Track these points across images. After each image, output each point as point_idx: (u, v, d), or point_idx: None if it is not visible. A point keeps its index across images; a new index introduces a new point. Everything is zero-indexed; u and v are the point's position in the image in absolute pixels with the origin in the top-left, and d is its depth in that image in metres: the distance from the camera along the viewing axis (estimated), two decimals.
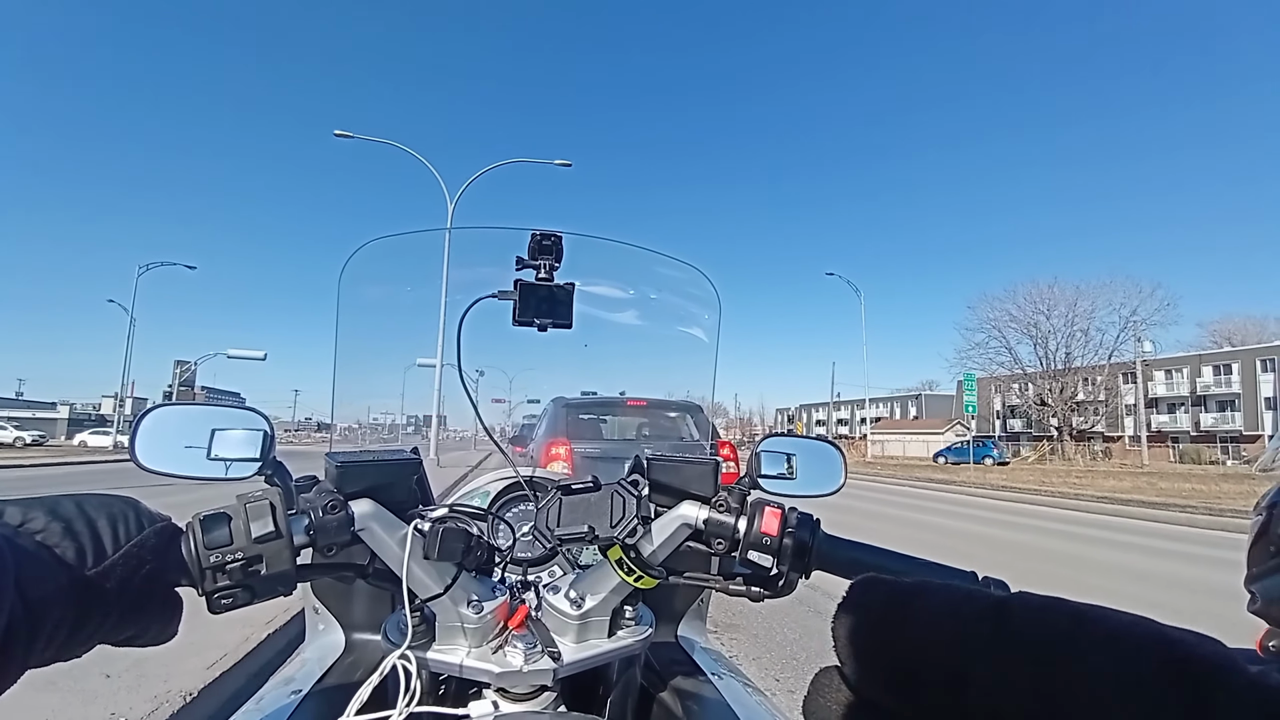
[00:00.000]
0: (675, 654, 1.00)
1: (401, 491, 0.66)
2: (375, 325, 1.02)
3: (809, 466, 0.75)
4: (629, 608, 0.71)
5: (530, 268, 0.81)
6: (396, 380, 1.27)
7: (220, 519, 0.51)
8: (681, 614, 1.09)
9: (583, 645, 0.68)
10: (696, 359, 1.13)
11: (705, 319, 1.11)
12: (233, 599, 0.51)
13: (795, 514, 0.64)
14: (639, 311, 1.09)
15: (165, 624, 0.50)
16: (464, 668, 0.64)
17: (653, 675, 0.91)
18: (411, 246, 1.00)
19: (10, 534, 0.41)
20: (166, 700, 2.49)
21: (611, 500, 0.66)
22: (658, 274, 1.06)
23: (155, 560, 0.47)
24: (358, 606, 0.99)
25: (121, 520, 0.47)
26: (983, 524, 10.11)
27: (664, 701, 0.88)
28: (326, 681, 0.86)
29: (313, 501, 0.57)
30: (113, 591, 0.45)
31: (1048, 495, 15.34)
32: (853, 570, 0.62)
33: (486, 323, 0.82)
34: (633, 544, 0.65)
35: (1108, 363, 43.60)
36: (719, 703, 0.84)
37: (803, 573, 0.65)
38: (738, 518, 0.64)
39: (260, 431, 0.62)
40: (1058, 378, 44.29)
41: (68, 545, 0.43)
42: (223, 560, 0.50)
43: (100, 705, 2.41)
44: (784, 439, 0.76)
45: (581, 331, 0.85)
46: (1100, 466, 32.80)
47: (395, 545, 0.60)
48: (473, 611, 0.64)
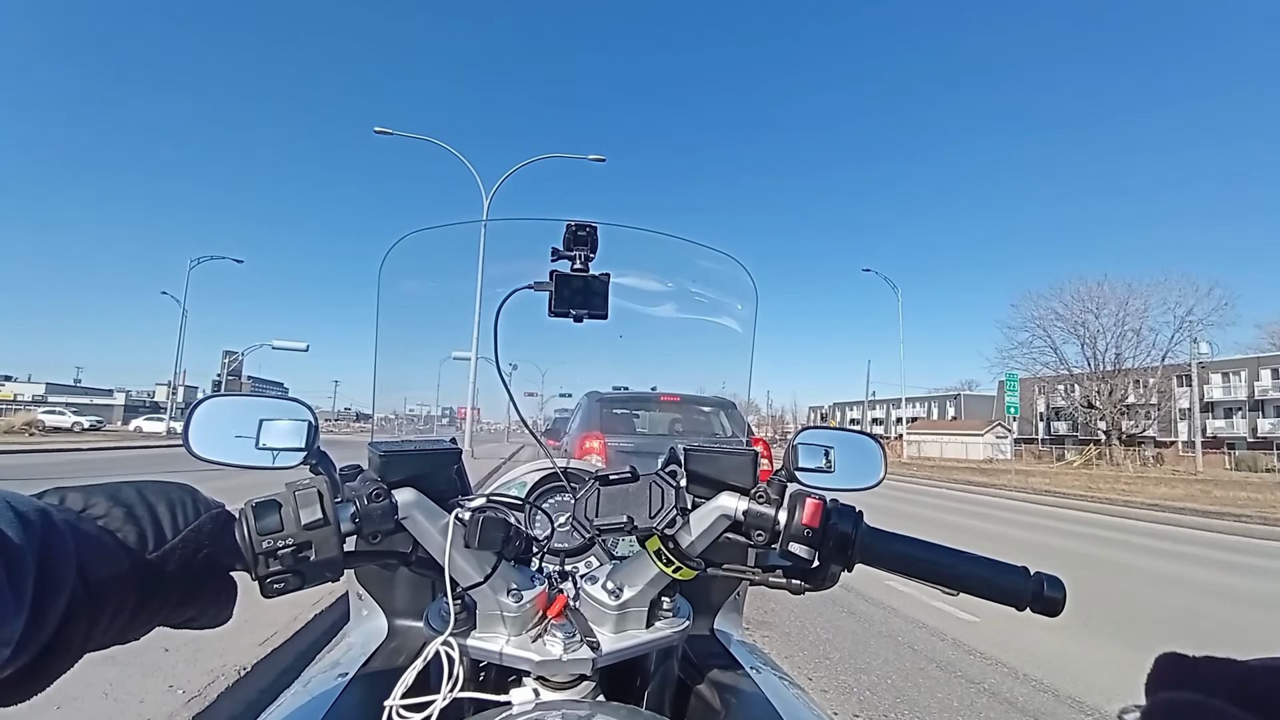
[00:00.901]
0: (712, 646, 0.99)
1: (442, 481, 0.67)
2: (413, 316, 1.03)
3: (847, 460, 0.74)
4: (666, 599, 0.71)
5: (566, 259, 0.81)
6: (433, 371, 1.28)
7: (271, 506, 0.52)
8: (718, 607, 1.08)
9: (621, 636, 0.68)
10: (731, 351, 1.11)
11: (741, 310, 1.09)
12: (284, 584, 0.53)
13: (837, 505, 0.63)
14: (673, 302, 1.07)
15: (221, 607, 0.52)
16: (504, 655, 0.65)
17: (690, 667, 0.90)
18: (449, 239, 1.01)
19: (73, 519, 0.42)
20: (222, 674, 2.60)
21: (650, 491, 0.66)
22: (693, 264, 1.04)
23: (211, 545, 0.49)
24: (399, 593, 1.00)
25: (180, 506, 0.48)
26: (1024, 529, 9.79)
27: (701, 694, 0.87)
28: (371, 666, 0.88)
29: (358, 490, 0.58)
30: (172, 575, 0.46)
31: (1094, 501, 14.77)
32: (899, 565, 0.61)
33: (521, 315, 0.82)
34: (671, 535, 0.65)
35: (1161, 364, 41.57)
36: (758, 696, 0.83)
37: (845, 565, 0.63)
38: (778, 509, 0.63)
39: (305, 422, 0.64)
40: (1106, 379, 42.39)
41: (129, 530, 0.44)
42: (274, 546, 0.51)
43: (159, 677, 2.53)
44: (822, 431, 0.75)
45: (616, 323, 0.85)
46: (1151, 473, 31.39)
47: (437, 533, 0.61)
48: (512, 600, 0.65)
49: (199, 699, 2.39)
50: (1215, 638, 4.15)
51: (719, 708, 0.83)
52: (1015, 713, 2.96)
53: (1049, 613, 0.58)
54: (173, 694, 2.40)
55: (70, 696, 2.26)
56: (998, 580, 0.59)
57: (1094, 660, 3.74)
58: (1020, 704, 3.05)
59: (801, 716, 0.79)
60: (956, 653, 3.81)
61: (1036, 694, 3.19)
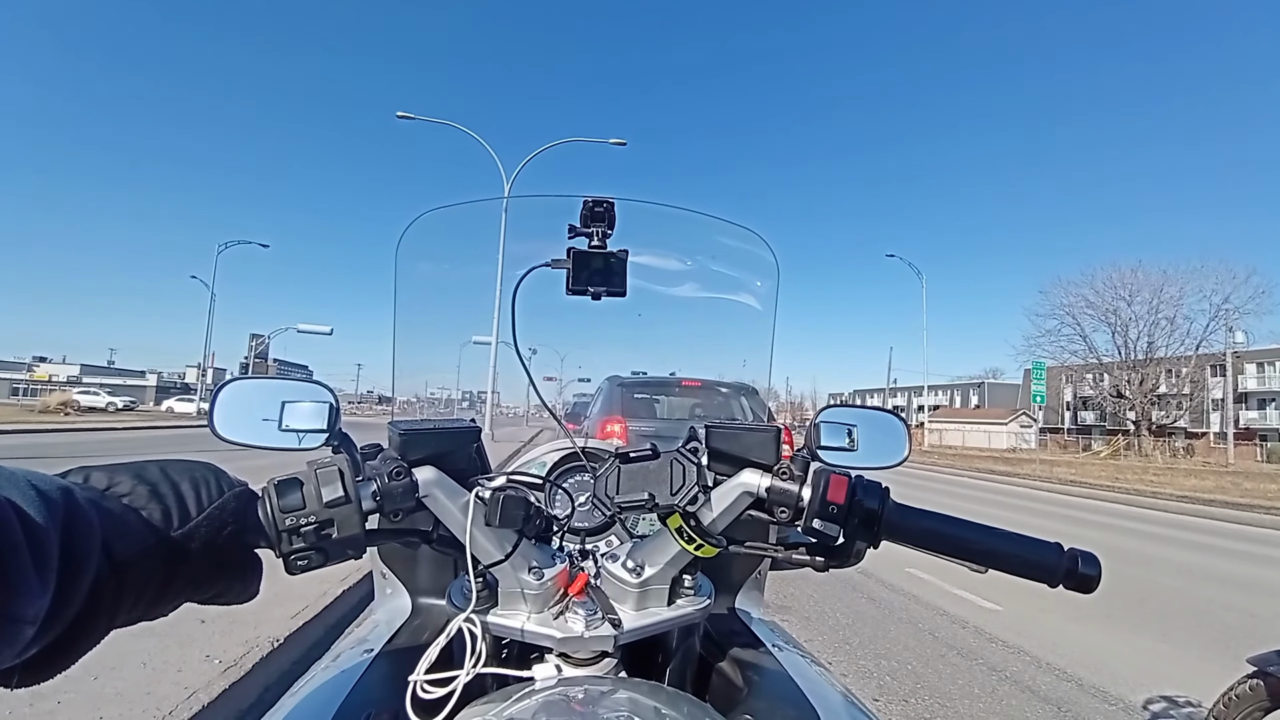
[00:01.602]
0: (734, 624, 0.99)
1: (462, 460, 0.67)
2: (432, 297, 1.02)
3: (870, 438, 0.73)
4: (688, 577, 0.70)
5: (583, 235, 0.80)
6: (452, 352, 1.26)
7: (293, 484, 0.53)
8: (739, 585, 1.07)
9: (642, 613, 0.68)
10: (752, 330, 1.09)
11: (762, 287, 1.06)
12: (307, 560, 0.53)
13: (863, 481, 0.62)
14: (692, 280, 1.05)
15: (247, 583, 0.53)
16: (526, 632, 0.65)
17: (711, 645, 0.90)
18: (466, 218, 1.00)
19: (97, 497, 0.42)
20: (256, 645, 2.69)
21: (671, 468, 0.65)
22: (711, 240, 1.02)
23: (235, 523, 0.49)
24: (422, 572, 1.01)
25: (203, 485, 0.48)
26: (1046, 518, 9.67)
27: (724, 671, 0.87)
28: (396, 642, 0.89)
29: (379, 468, 0.58)
30: (197, 552, 0.46)
31: (1121, 492, 14.50)
32: (927, 541, 0.60)
33: (539, 296, 0.81)
34: (693, 512, 0.64)
35: (1194, 354, 40.41)
36: (780, 674, 0.83)
37: (871, 542, 0.62)
38: (801, 485, 0.62)
39: (326, 404, 0.64)
40: (1138, 368, 41.30)
41: (154, 508, 0.44)
42: (297, 523, 0.51)
43: (196, 648, 2.62)
44: (844, 409, 0.74)
45: (634, 301, 0.83)
46: (1181, 464, 30.60)
47: (458, 512, 0.61)
48: (533, 578, 0.65)
49: (235, 668, 2.47)
50: (1240, 629, 4.08)
51: (741, 685, 0.83)
52: (1038, 701, 2.94)
53: (1083, 589, 0.56)
54: (209, 663, 2.49)
55: (108, 667, 2.35)
56: (1029, 556, 0.58)
57: (1117, 650, 3.70)
58: (1043, 693, 3.04)
59: (825, 695, 0.78)
60: (978, 640, 3.79)
61: (1059, 683, 3.16)
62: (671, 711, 0.52)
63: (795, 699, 0.77)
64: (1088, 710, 2.86)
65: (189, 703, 2.18)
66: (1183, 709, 2.86)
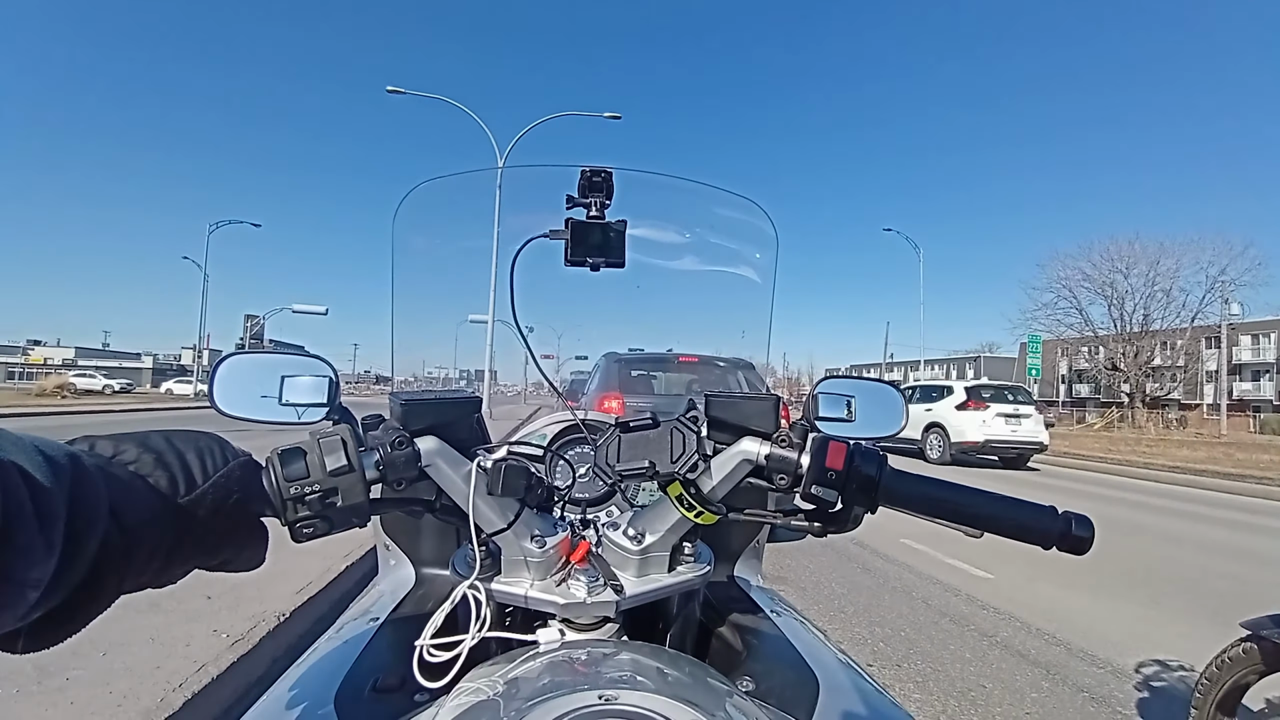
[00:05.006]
0: (732, 591, 1.01)
1: (463, 430, 0.67)
2: (429, 272, 1.01)
3: (868, 409, 0.74)
4: (688, 544, 0.71)
5: (581, 206, 0.79)
6: (450, 328, 1.25)
7: (296, 453, 0.53)
8: (738, 553, 1.09)
9: (644, 579, 0.69)
10: (750, 303, 1.08)
11: (760, 259, 1.05)
12: (313, 529, 0.54)
13: (860, 448, 0.62)
14: (690, 251, 1.04)
15: (254, 551, 0.53)
16: (529, 599, 0.65)
17: (711, 611, 0.92)
18: (463, 189, 0.99)
19: (103, 464, 0.42)
20: (262, 619, 2.72)
21: (671, 436, 0.65)
22: (709, 210, 1.01)
23: (241, 491, 0.50)
24: (425, 543, 1.03)
25: (208, 453, 0.48)
26: (1039, 489, 9.78)
27: (723, 635, 0.89)
28: (401, 611, 0.91)
29: (381, 438, 0.58)
30: (204, 519, 0.47)
31: (1113, 463, 14.64)
32: (923, 506, 0.61)
33: (536, 272, 0.81)
34: (693, 480, 0.65)
35: (1190, 326, 40.53)
36: (778, 638, 0.85)
37: (869, 507, 0.62)
38: (800, 452, 0.63)
39: (326, 378, 0.65)
40: (1133, 341, 41.44)
41: (160, 475, 0.45)
42: (301, 492, 0.52)
43: (203, 623, 2.65)
44: (842, 381, 0.75)
45: (632, 274, 0.83)
46: (1174, 435, 30.86)
47: (460, 481, 0.62)
48: (536, 546, 0.65)
49: (242, 642, 2.51)
50: (1231, 595, 4.17)
51: (740, 648, 0.84)
52: (1027, 665, 3.02)
53: (1076, 550, 0.57)
54: (217, 638, 2.53)
55: (116, 643, 2.37)
56: (1024, 519, 0.59)
57: (1107, 616, 3.78)
58: (1032, 656, 3.11)
59: (822, 657, 0.80)
60: (970, 608, 3.87)
61: (1049, 647, 3.24)
62: (673, 671, 0.53)
63: (793, 661, 0.79)
64: (1076, 673, 2.93)
65: (198, 675, 2.22)
66: (1174, 673, 2.93)
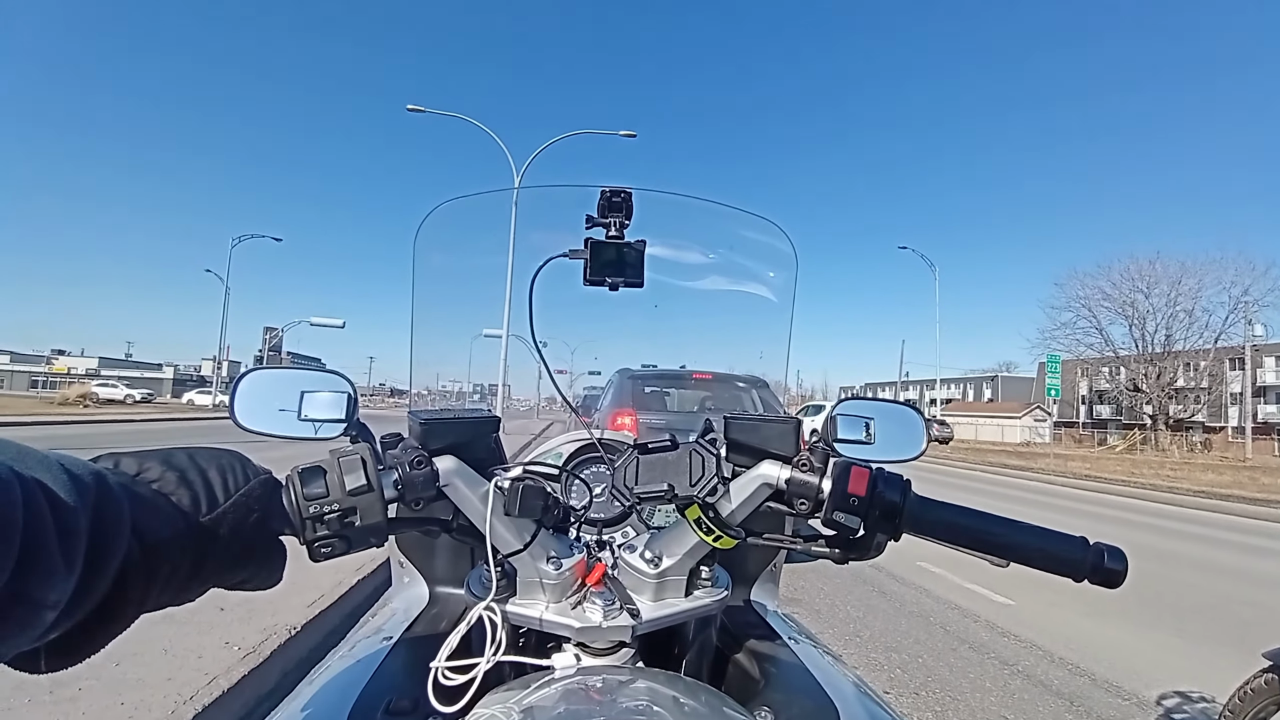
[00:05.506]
0: (749, 616, 0.99)
1: (481, 450, 0.67)
2: (448, 289, 1.02)
3: (888, 431, 0.72)
4: (705, 568, 0.70)
5: (600, 225, 0.79)
6: (465, 343, 1.26)
7: (316, 472, 0.53)
8: (755, 577, 1.08)
9: (660, 604, 0.68)
10: (768, 323, 1.08)
11: (779, 279, 1.05)
12: (331, 548, 0.54)
13: (884, 474, 0.61)
14: (708, 271, 1.04)
15: (272, 570, 0.53)
16: (544, 621, 0.65)
17: (727, 636, 0.90)
18: (482, 210, 0.99)
19: (127, 481, 0.42)
20: (274, 632, 2.74)
21: (690, 459, 0.65)
22: (728, 230, 1.01)
23: (261, 510, 0.50)
24: (439, 561, 1.02)
25: (230, 472, 0.48)
26: (1060, 513, 9.58)
27: (740, 662, 0.87)
28: (414, 630, 0.90)
29: (399, 457, 0.58)
30: (224, 538, 0.47)
31: (1136, 486, 14.33)
32: (948, 534, 0.59)
33: (552, 289, 0.81)
34: (712, 503, 0.64)
35: (1213, 347, 39.72)
36: (796, 666, 0.83)
37: (892, 535, 0.61)
38: (821, 477, 0.61)
39: (344, 394, 0.65)
40: (1155, 361, 40.65)
41: (183, 493, 0.45)
42: (320, 511, 0.52)
43: (215, 635, 2.66)
44: (861, 403, 0.73)
45: (650, 293, 0.83)
46: (1198, 458, 30.20)
47: (477, 501, 0.61)
48: (552, 568, 0.65)
49: (254, 654, 2.51)
50: (1255, 623, 4.05)
51: (758, 676, 0.83)
52: (1050, 695, 2.93)
53: (1108, 584, 0.56)
54: (229, 650, 2.53)
55: (130, 654, 2.39)
56: (1053, 550, 0.57)
57: (1132, 645, 3.67)
58: (1055, 687, 3.02)
59: (840, 686, 0.78)
60: (990, 634, 3.77)
61: (1072, 677, 3.15)
62: (690, 701, 0.52)
63: (811, 691, 0.77)
64: (1100, 705, 2.84)
65: (209, 688, 2.22)
66: (1197, 704, 2.84)
